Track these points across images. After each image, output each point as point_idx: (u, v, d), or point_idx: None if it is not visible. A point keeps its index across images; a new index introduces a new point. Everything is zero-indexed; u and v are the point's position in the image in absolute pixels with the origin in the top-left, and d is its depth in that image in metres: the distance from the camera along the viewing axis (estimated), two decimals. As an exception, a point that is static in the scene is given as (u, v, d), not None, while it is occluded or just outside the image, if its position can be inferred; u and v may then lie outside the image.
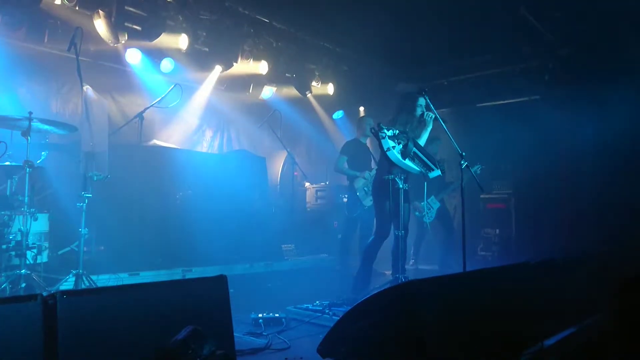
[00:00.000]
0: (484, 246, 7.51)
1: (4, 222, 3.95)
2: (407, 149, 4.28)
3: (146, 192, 4.98)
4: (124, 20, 5.43)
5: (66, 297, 2.04)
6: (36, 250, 4.08)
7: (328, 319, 3.90)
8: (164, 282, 2.65)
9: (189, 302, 2.41)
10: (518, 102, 7.69)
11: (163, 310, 2.30)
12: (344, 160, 6.03)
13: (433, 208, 6.59)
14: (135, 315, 2.23)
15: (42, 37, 5.29)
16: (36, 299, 1.98)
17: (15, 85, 4.99)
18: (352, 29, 6.61)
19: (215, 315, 2.47)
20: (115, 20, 5.37)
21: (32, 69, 5.12)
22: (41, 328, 1.95)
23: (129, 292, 2.33)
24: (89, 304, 2.13)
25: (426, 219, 6.50)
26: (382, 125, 4.20)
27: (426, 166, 4.51)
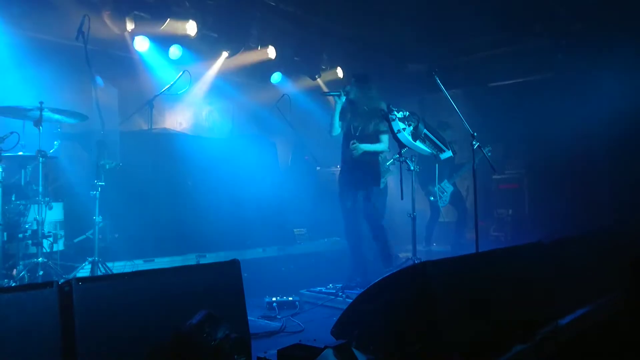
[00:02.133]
0: (496, 226, 7.46)
1: (19, 212, 4.01)
2: (417, 130, 4.25)
3: (158, 179, 5.01)
4: (132, 7, 5.42)
5: (82, 283, 2.07)
6: (52, 238, 4.13)
7: (341, 302, 3.93)
8: (178, 268, 2.68)
9: (203, 287, 2.44)
10: (530, 81, 7.57)
11: (177, 295, 2.33)
12: (355, 144, 6.00)
13: (447, 192, 6.54)
14: (150, 301, 2.26)
15: (51, 26, 5.31)
16: (52, 286, 2.01)
17: (25, 76, 5.01)
18: (361, 10, 6.53)
19: (229, 299, 2.49)
20: (123, 7, 5.36)
21: (42, 59, 5.13)
22: (58, 314, 1.99)
23: (144, 278, 2.35)
24: (104, 290, 2.16)
25: (440, 203, 6.46)
26: (392, 107, 4.17)
27: (437, 147, 4.48)
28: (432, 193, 6.45)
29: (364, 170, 4.73)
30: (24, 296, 1.97)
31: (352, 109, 4.71)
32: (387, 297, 2.68)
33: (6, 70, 5.04)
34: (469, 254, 3.37)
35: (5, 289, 2.43)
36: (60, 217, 4.40)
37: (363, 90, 4.68)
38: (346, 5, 6.45)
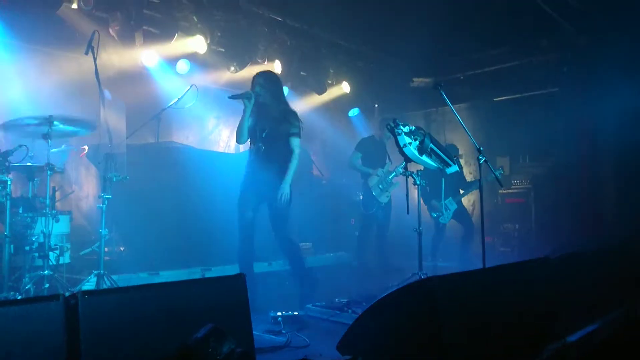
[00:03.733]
0: (503, 241, 7.43)
1: (27, 224, 4.03)
2: (423, 145, 4.25)
3: (165, 192, 5.03)
4: (141, 22, 5.49)
5: (87, 297, 2.07)
6: (58, 251, 4.15)
7: (347, 317, 3.90)
8: (183, 282, 2.67)
9: (209, 301, 2.43)
10: (536, 95, 7.58)
11: (183, 309, 2.32)
12: (358, 156, 6.03)
13: (450, 210, 6.47)
14: (156, 314, 2.25)
15: (60, 41, 5.38)
16: (58, 298, 2.01)
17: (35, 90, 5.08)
18: (367, 25, 6.59)
19: (235, 313, 2.48)
20: (132, 23, 5.43)
21: (51, 73, 5.20)
22: (63, 327, 1.98)
23: (149, 291, 2.35)
24: (110, 304, 2.15)
25: (442, 219, 6.41)
26: (398, 122, 4.18)
27: (443, 162, 4.47)
28: (435, 208, 6.37)
29: (273, 178, 4.25)
30: (30, 309, 1.97)
31: (260, 111, 4.24)
32: (393, 312, 2.66)
33: (15, 84, 5.10)
34: (476, 270, 3.35)
35: (12, 302, 2.44)
36: (66, 229, 4.42)
37: (273, 92, 4.29)
38: (352, 20, 6.51)
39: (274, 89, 4.30)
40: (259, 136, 4.24)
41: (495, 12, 6.18)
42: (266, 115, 4.24)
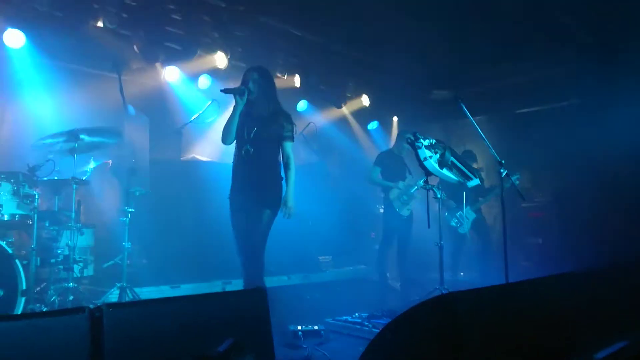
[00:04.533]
0: (526, 256, 7.30)
1: (52, 237, 4.12)
2: (444, 158, 4.23)
3: (186, 206, 5.09)
4: (163, 39, 5.61)
5: (112, 309, 2.09)
6: (82, 264, 4.22)
7: (368, 331, 3.87)
8: (205, 295, 2.70)
9: (230, 314, 2.44)
10: (558, 107, 7.49)
11: (204, 322, 2.33)
12: (377, 171, 6.02)
13: (468, 219, 6.44)
14: (178, 327, 2.27)
15: (86, 58, 5.53)
16: (84, 311, 2.04)
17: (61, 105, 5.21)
18: (386, 39, 6.61)
19: (256, 327, 2.48)
20: (155, 39, 5.56)
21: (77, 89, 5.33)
22: (88, 339, 2.01)
23: (172, 304, 2.37)
24: (133, 316, 2.18)
25: (461, 229, 6.37)
26: (418, 135, 4.17)
27: (464, 175, 4.44)
28: (454, 218, 6.34)
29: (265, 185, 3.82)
30: (57, 321, 2.00)
31: (249, 110, 3.79)
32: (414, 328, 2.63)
33: (42, 99, 5.24)
34: (498, 285, 3.30)
35: (39, 314, 2.48)
36: (90, 242, 4.50)
37: (265, 89, 3.86)
38: (370, 34, 6.54)
39: (267, 87, 3.88)
40: (247, 137, 3.77)
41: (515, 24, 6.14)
42: (256, 115, 3.79)
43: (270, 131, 3.81)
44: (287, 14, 6.09)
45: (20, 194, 3.78)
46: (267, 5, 5.85)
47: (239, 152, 3.81)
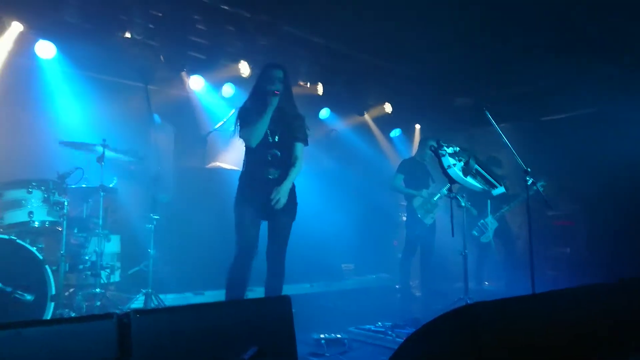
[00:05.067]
0: (552, 266, 7.16)
1: (80, 244, 4.20)
2: (468, 166, 4.18)
3: (210, 213, 5.14)
4: (188, 49, 5.71)
5: (139, 316, 2.12)
6: (109, 270, 4.30)
7: (391, 341, 3.84)
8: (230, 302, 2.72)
9: (254, 322, 2.45)
10: (585, 114, 7.35)
11: (230, 329, 2.35)
12: (400, 178, 5.99)
13: (490, 228, 6.32)
14: (203, 335, 2.29)
15: (114, 68, 5.66)
16: (112, 317, 2.08)
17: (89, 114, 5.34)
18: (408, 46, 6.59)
19: (280, 335, 2.48)
20: (180, 49, 5.66)
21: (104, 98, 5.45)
22: (116, 345, 2.04)
23: (197, 311, 2.39)
24: (160, 323, 2.20)
25: (483, 238, 6.27)
26: (442, 142, 4.14)
27: (489, 183, 4.39)
28: (475, 226, 6.26)
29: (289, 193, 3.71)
30: (85, 327, 2.04)
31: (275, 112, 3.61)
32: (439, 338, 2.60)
33: (71, 109, 5.38)
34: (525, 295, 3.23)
35: (68, 320, 2.53)
36: (117, 249, 4.57)
37: (289, 91, 3.74)
38: (392, 41, 6.53)
39: (289, 88, 3.76)
40: (272, 141, 3.62)
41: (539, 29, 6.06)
42: (280, 117, 3.63)
43: (290, 134, 3.70)
44: (310, 22, 6.13)
45: (50, 202, 3.88)
46: (291, 14, 5.90)
47: (263, 156, 3.61)
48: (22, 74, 5.12)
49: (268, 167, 3.62)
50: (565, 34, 6.18)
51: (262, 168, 3.63)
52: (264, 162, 3.63)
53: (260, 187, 3.61)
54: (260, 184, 3.62)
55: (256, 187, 3.63)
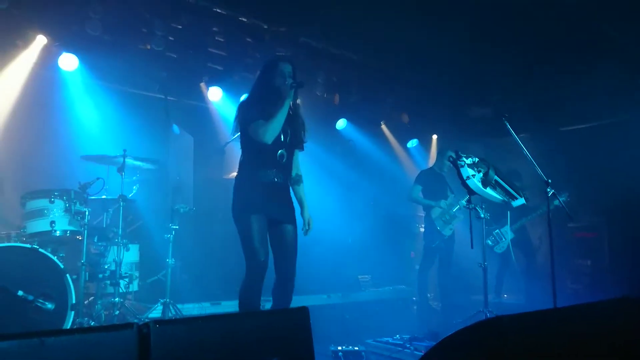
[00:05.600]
0: (574, 278, 7.01)
1: (100, 253, 4.25)
2: (487, 177, 4.14)
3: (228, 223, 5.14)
4: (207, 61, 5.78)
5: (159, 326, 2.13)
6: (128, 279, 4.33)
7: (409, 354, 3.80)
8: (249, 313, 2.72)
9: (273, 333, 2.44)
10: (606, 124, 7.24)
11: (248, 340, 2.34)
12: (418, 189, 5.95)
13: (505, 239, 6.19)
14: (222, 345, 2.29)
15: (134, 79, 5.75)
16: (132, 327, 2.08)
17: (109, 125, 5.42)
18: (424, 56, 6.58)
19: (298, 347, 2.47)
20: (199, 61, 5.73)
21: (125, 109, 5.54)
22: (136, 355, 2.05)
23: (216, 322, 2.39)
24: (179, 333, 2.21)
25: (497, 249, 6.18)
26: (460, 153, 4.11)
27: (508, 194, 4.33)
28: (490, 235, 6.17)
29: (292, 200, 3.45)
30: (106, 336, 2.05)
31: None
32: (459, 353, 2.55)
33: (93, 119, 5.48)
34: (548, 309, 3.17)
35: (89, 329, 2.55)
36: (136, 258, 4.62)
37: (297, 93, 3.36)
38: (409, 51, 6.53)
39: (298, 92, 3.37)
40: (282, 140, 3.29)
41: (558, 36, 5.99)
42: (289, 116, 3.29)
43: (299, 137, 3.42)
44: (327, 33, 6.17)
45: (72, 211, 3.94)
46: (308, 25, 5.94)
47: (272, 157, 3.27)
48: (46, 85, 5.23)
49: (276, 169, 3.28)
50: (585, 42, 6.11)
51: (270, 170, 3.26)
52: (272, 164, 3.27)
53: (266, 192, 3.24)
54: (267, 188, 3.25)
55: (263, 191, 3.23)
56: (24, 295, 3.43)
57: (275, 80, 3.30)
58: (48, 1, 4.72)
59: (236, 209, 3.30)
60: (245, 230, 3.21)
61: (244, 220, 3.21)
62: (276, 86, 3.27)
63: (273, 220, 3.28)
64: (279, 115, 3.17)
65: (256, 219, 3.19)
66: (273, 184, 3.27)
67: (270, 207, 3.24)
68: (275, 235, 3.32)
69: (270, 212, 3.25)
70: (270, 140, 3.18)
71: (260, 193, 3.23)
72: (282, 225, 3.31)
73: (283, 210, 3.32)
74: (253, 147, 3.27)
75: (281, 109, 3.19)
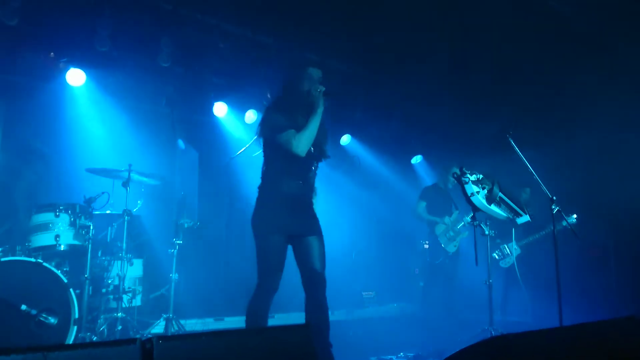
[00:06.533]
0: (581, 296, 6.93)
1: (104, 267, 4.25)
2: (492, 193, 4.12)
3: (232, 239, 5.16)
4: (213, 76, 5.83)
5: (162, 342, 2.12)
6: (131, 294, 4.32)
7: (413, 372, 3.75)
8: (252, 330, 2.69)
9: (276, 350, 2.42)
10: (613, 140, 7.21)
11: (251, 357, 2.32)
12: (422, 205, 5.93)
13: (512, 254, 6.18)
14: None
15: (141, 94, 5.80)
16: (135, 343, 2.07)
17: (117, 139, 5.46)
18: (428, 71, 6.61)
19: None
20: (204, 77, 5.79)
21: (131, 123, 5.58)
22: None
23: (220, 338, 2.37)
24: (182, 349, 2.19)
25: (503, 263, 6.15)
26: (464, 169, 4.10)
27: (513, 211, 4.31)
28: (496, 250, 6.16)
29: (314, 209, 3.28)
30: (109, 352, 2.04)
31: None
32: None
33: (99, 134, 5.52)
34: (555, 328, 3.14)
35: (92, 344, 2.54)
36: (139, 273, 4.61)
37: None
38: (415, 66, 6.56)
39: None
40: (313, 152, 3.15)
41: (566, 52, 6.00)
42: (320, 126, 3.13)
43: (323, 146, 3.24)
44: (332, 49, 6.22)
45: (77, 225, 3.94)
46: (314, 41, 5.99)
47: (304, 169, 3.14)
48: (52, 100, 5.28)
49: (302, 181, 3.10)
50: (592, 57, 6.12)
51: (296, 182, 3.09)
52: (299, 175, 3.10)
53: (292, 205, 3.07)
54: (293, 201, 3.08)
55: (288, 205, 3.06)
56: (27, 309, 3.43)
57: (304, 86, 3.13)
58: (57, 17, 4.79)
59: (257, 223, 3.11)
60: (264, 249, 3.07)
61: (264, 238, 3.06)
62: (305, 92, 3.11)
63: (298, 235, 3.11)
64: (312, 125, 3.02)
65: (276, 240, 3.04)
66: (299, 197, 3.11)
67: (294, 221, 3.08)
68: (301, 251, 3.14)
69: (295, 227, 3.09)
70: (305, 152, 3.01)
71: (285, 207, 3.06)
72: (308, 239, 3.13)
73: (308, 223, 3.15)
74: (281, 157, 3.08)
75: (314, 119, 3.03)
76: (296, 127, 3.01)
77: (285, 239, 3.08)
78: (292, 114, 3.08)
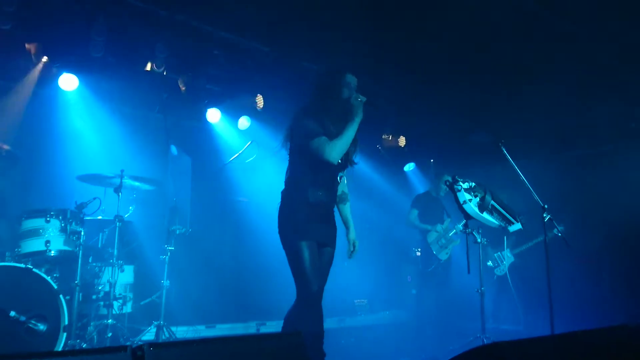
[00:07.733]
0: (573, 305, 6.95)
1: (94, 273, 4.21)
2: (484, 201, 4.15)
3: (224, 245, 5.14)
4: (207, 82, 5.82)
5: (153, 349, 2.10)
6: (122, 300, 4.28)
7: (406, 380, 3.74)
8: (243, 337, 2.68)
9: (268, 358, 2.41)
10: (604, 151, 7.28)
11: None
12: (415, 213, 5.95)
13: (505, 262, 6.24)
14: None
15: (134, 100, 5.78)
16: (126, 350, 2.06)
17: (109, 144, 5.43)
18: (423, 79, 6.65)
19: (293, 372, 2.43)
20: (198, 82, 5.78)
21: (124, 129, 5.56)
22: (130, 379, 2.01)
23: (211, 345, 2.36)
24: (173, 357, 2.18)
25: (497, 271, 6.19)
26: (457, 177, 4.12)
27: (505, 219, 4.33)
28: (491, 258, 6.20)
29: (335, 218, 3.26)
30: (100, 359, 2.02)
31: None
32: (457, 378, 2.52)
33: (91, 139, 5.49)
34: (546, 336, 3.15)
35: (83, 351, 2.52)
36: (130, 279, 4.57)
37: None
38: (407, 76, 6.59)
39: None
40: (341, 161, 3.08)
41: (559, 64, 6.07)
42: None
43: (351, 154, 3.20)
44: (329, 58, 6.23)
45: (67, 231, 3.91)
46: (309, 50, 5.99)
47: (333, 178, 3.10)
48: (45, 104, 5.25)
49: (327, 189, 3.05)
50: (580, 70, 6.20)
51: (321, 190, 3.02)
52: (325, 183, 3.04)
53: (316, 213, 3.01)
54: (317, 209, 3.01)
55: (313, 212, 2.99)
56: (17, 315, 3.39)
57: (342, 93, 3.08)
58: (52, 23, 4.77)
59: (285, 232, 3.02)
60: (297, 258, 2.95)
61: (295, 246, 2.95)
62: (342, 99, 3.06)
63: (323, 244, 3.09)
64: (348, 134, 2.96)
65: (307, 246, 2.94)
66: (322, 205, 3.04)
67: (322, 229, 3.05)
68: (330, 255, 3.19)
69: (322, 236, 3.06)
70: (337, 161, 2.93)
71: (311, 215, 2.99)
72: (327, 249, 3.12)
73: (328, 233, 3.12)
74: (310, 164, 3.00)
75: (351, 127, 2.98)
76: (328, 134, 2.94)
77: (316, 244, 3.01)
78: (323, 121, 3.01)
